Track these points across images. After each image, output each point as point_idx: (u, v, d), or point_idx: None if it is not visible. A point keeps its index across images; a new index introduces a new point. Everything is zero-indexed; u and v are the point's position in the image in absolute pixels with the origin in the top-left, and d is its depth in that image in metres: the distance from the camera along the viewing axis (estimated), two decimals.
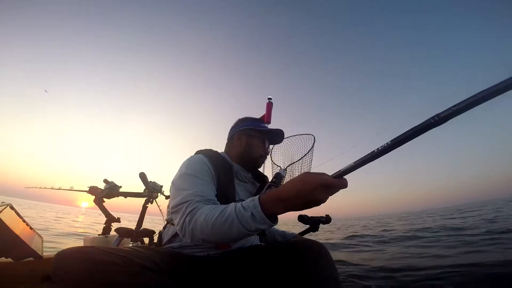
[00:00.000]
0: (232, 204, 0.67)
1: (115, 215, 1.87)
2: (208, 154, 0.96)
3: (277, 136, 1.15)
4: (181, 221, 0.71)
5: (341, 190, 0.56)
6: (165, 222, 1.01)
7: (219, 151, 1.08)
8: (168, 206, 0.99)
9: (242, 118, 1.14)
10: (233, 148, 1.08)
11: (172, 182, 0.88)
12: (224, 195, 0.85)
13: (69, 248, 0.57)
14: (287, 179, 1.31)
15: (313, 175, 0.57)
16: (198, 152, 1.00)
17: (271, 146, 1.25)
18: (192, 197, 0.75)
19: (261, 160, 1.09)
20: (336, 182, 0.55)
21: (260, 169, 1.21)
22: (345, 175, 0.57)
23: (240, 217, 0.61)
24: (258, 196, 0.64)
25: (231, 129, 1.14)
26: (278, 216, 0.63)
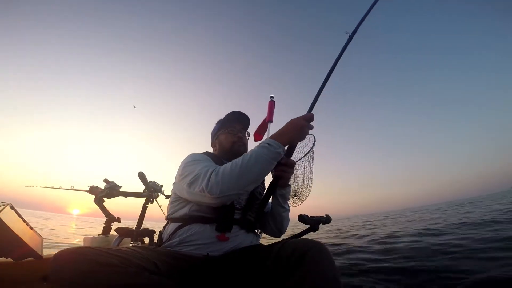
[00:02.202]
0: (249, 150, 0.89)
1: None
2: (206, 153, 1.11)
3: (238, 115, 1.21)
4: (206, 179, 0.81)
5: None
6: (166, 220, 1.01)
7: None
8: (169, 203, 1.04)
9: (212, 131, 1.30)
10: (217, 153, 1.22)
11: (176, 176, 0.99)
12: None
13: (67, 249, 0.58)
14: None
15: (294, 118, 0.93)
16: None
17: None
18: (206, 167, 0.88)
19: (235, 146, 1.16)
20: (308, 115, 0.95)
21: None
22: (312, 108, 1.02)
23: (261, 149, 0.84)
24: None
25: None
26: None
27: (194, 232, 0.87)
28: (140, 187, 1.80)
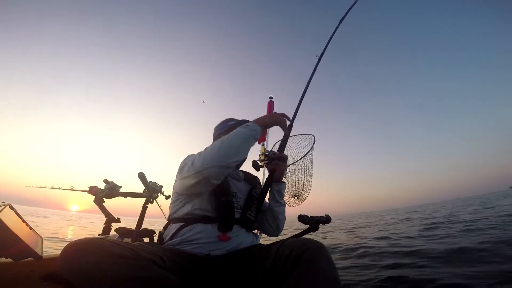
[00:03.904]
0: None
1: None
2: None
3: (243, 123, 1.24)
4: (192, 159, 0.87)
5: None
6: (167, 221, 1.02)
7: None
8: (171, 203, 1.04)
9: (215, 128, 1.29)
10: None
11: (177, 175, 0.99)
12: (220, 186, 0.95)
13: (80, 239, 0.58)
14: (288, 179, 1.32)
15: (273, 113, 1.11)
16: None
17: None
18: (194, 155, 0.91)
19: None
20: (281, 113, 1.11)
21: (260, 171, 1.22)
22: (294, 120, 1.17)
23: (240, 128, 0.93)
24: None
25: None
26: None
27: (196, 232, 0.88)
28: (140, 188, 1.80)
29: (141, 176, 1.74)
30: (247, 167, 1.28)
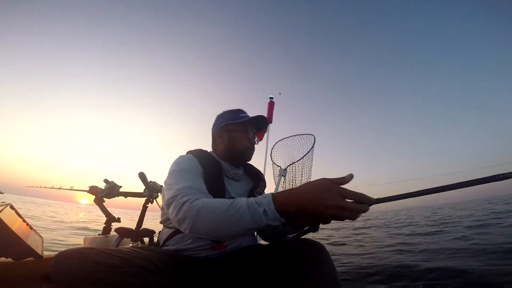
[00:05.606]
0: (244, 199, 0.65)
1: (117, 213, 1.86)
2: (196, 153, 0.98)
3: (261, 121, 1.08)
4: (176, 210, 0.70)
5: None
6: (161, 224, 1.00)
7: (209, 150, 1.08)
8: (162, 208, 0.97)
9: (220, 114, 1.10)
10: (217, 147, 1.07)
11: (164, 182, 0.89)
12: (213, 192, 0.82)
13: (68, 249, 0.58)
14: (288, 179, 1.32)
15: (333, 186, 0.57)
16: (188, 153, 1.01)
17: (272, 147, 1.25)
18: (185, 189, 0.75)
19: (248, 152, 1.05)
20: (340, 179, 0.58)
21: (260, 167, 1.20)
22: (379, 202, 0.58)
23: (253, 211, 0.60)
24: (271, 193, 0.63)
25: (212, 128, 1.11)
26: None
27: (190, 242, 0.86)
28: (140, 187, 1.81)
29: (142, 176, 1.75)
30: (253, 162, 1.14)
